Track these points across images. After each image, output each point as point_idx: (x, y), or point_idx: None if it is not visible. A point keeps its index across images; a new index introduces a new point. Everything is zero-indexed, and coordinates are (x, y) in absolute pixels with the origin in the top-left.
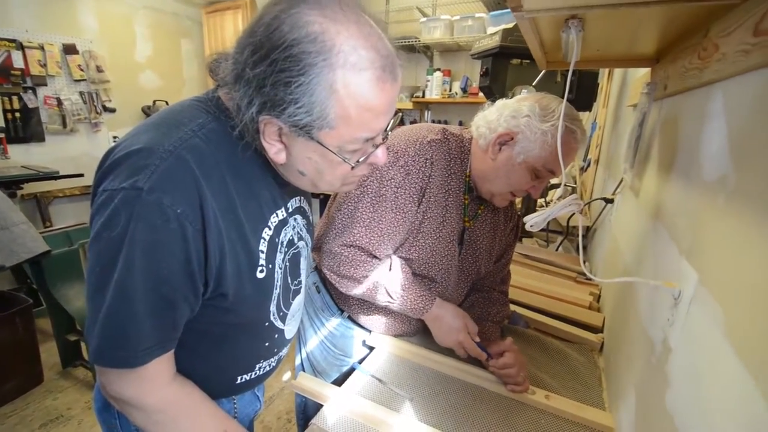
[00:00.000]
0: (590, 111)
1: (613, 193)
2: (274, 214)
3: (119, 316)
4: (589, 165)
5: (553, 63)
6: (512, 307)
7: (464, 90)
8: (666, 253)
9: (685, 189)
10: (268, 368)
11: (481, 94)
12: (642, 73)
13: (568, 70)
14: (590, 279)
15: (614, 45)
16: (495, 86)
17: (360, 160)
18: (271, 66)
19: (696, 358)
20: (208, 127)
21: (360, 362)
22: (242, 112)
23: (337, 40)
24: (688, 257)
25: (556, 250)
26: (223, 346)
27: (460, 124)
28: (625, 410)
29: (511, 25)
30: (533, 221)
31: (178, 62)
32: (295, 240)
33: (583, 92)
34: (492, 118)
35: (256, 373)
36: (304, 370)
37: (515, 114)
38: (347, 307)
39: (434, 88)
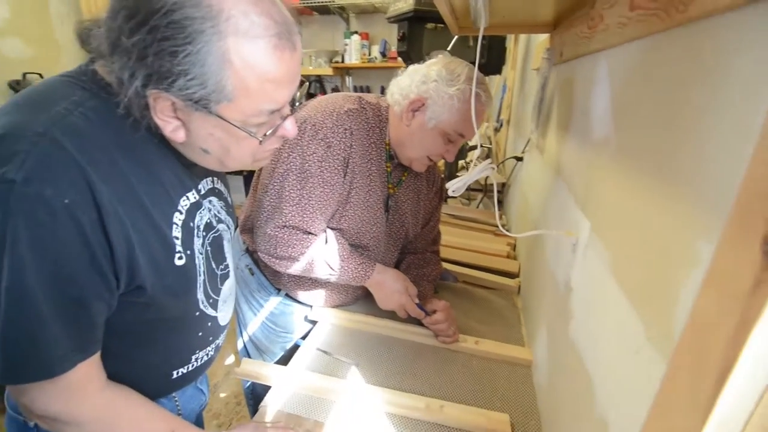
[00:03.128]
0: (500, 74)
1: (522, 152)
2: (184, 197)
3: (21, 325)
4: (501, 125)
5: (464, 28)
6: (443, 264)
7: (383, 54)
8: (566, 206)
9: (579, 147)
10: (206, 358)
11: (399, 58)
12: (543, 39)
13: (478, 36)
14: (504, 231)
15: (518, 12)
16: (412, 51)
17: (267, 133)
18: (151, 33)
19: (591, 294)
20: (86, 104)
21: (303, 338)
22: (125, 86)
23: (225, 4)
24: (582, 208)
25: (477, 207)
26: (151, 345)
27: (382, 90)
28: (540, 343)
29: None
30: (455, 187)
31: (48, 25)
32: (214, 223)
33: (493, 56)
34: (404, 84)
35: (193, 365)
36: (248, 353)
37: (425, 79)
38: (282, 285)
39: (353, 53)
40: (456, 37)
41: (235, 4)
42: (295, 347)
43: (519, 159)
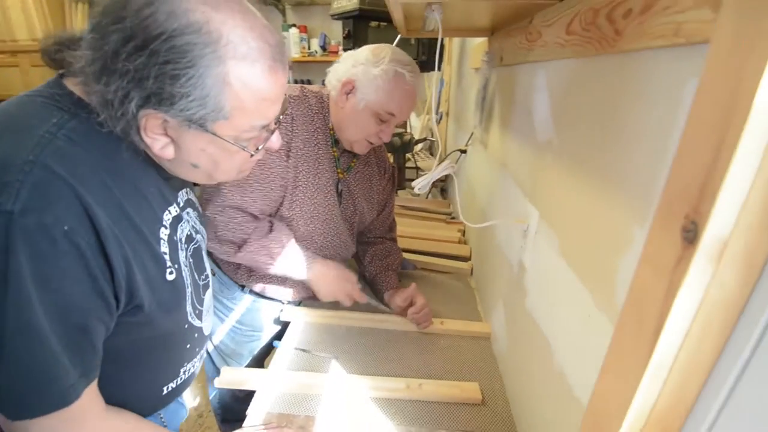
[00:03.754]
0: (440, 70)
1: (466, 145)
2: (167, 212)
3: (32, 360)
4: (441, 117)
5: (412, 31)
6: (402, 254)
7: (324, 48)
8: (514, 196)
9: (523, 146)
10: (192, 369)
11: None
12: (479, 41)
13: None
14: (454, 219)
15: (457, 20)
16: (358, 48)
17: (259, 147)
18: (151, 58)
19: (543, 272)
20: (67, 126)
21: (278, 339)
22: (115, 108)
23: (224, 30)
24: (530, 199)
25: (427, 197)
26: (142, 364)
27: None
28: (497, 317)
29: None
30: (420, 185)
31: None
32: (193, 234)
33: (433, 53)
34: (339, 69)
35: (181, 378)
36: (212, 361)
37: (354, 63)
38: (247, 281)
39: (292, 46)
40: (399, 37)
41: (233, 29)
42: (265, 349)
43: (463, 151)
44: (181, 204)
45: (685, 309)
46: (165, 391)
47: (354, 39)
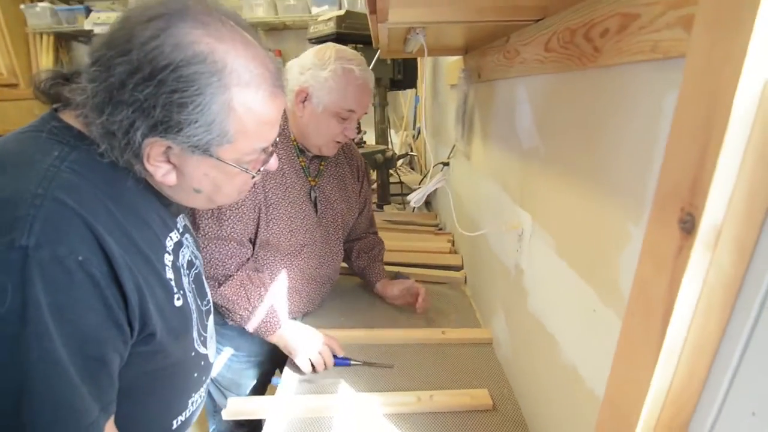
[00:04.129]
0: (415, 87)
1: (448, 157)
2: (168, 238)
3: (55, 396)
4: (419, 133)
5: (392, 52)
6: (394, 267)
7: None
8: (503, 203)
9: (509, 155)
10: (199, 400)
11: None
12: (453, 60)
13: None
14: (442, 230)
15: (433, 41)
16: None
17: (261, 168)
18: (158, 87)
19: (542, 273)
20: (69, 158)
21: (275, 365)
22: (119, 138)
23: (228, 59)
24: (521, 205)
25: (413, 210)
26: (151, 396)
27: None
28: (497, 323)
29: (342, 13)
30: (415, 198)
31: None
32: (193, 259)
33: (408, 72)
34: (288, 80)
35: (189, 410)
36: (211, 396)
37: (301, 70)
38: None
39: None
40: (376, 57)
41: (236, 58)
42: (263, 378)
43: (446, 164)
44: (180, 230)
45: (689, 294)
46: (174, 425)
47: None
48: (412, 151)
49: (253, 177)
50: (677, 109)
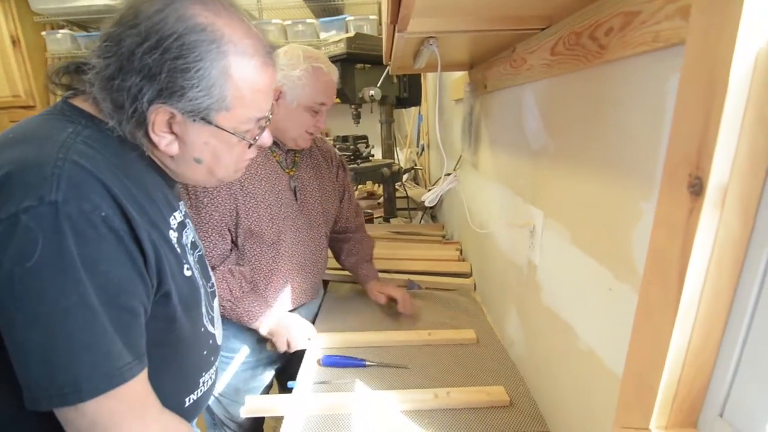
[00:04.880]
0: (419, 105)
1: (454, 169)
2: (173, 217)
3: (91, 336)
4: (423, 149)
5: (400, 68)
6: (404, 276)
7: None
8: (512, 204)
9: (518, 158)
10: (210, 382)
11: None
12: (458, 75)
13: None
14: (449, 240)
15: (441, 55)
16: (346, 87)
17: (256, 137)
18: (164, 54)
19: (556, 264)
20: (83, 134)
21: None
22: (127, 108)
23: (225, 30)
24: (532, 203)
25: (420, 221)
26: (166, 369)
27: None
28: (510, 323)
29: (352, 35)
30: (429, 199)
31: None
32: (197, 242)
33: (413, 91)
34: None
35: (201, 390)
36: (210, 409)
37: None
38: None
39: None
40: (384, 75)
41: (233, 31)
42: (269, 383)
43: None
44: (183, 212)
45: (701, 253)
46: (187, 403)
47: (342, 80)
48: (415, 165)
49: (250, 146)
50: (681, 84)
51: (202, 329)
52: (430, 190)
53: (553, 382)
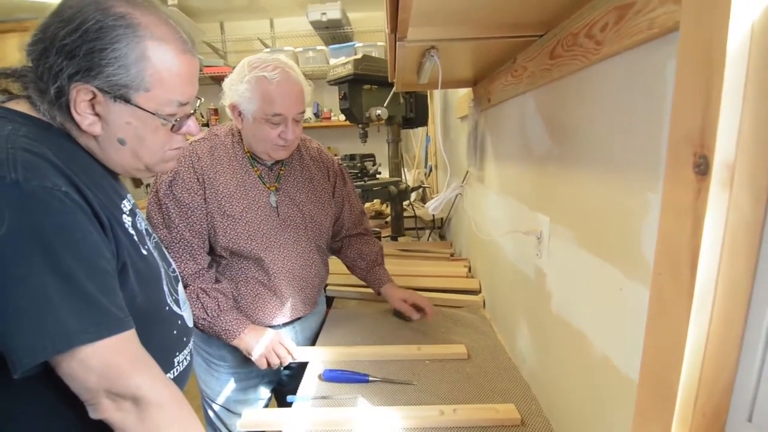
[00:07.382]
0: (426, 126)
1: (461, 185)
2: (123, 204)
3: (82, 295)
4: (431, 170)
5: (405, 85)
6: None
7: (317, 115)
8: (519, 213)
9: (522, 167)
10: (185, 363)
11: (341, 116)
12: (462, 93)
13: (409, 93)
14: (456, 258)
15: (444, 72)
16: (354, 107)
17: (179, 119)
18: (82, 36)
19: (563, 268)
20: (22, 130)
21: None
22: (50, 86)
23: (143, 20)
24: (538, 209)
25: (427, 240)
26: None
27: None
28: (521, 338)
29: (359, 56)
30: (433, 206)
31: None
32: (150, 230)
33: (420, 111)
34: (225, 97)
35: (177, 370)
36: (210, 420)
37: (229, 87)
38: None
39: None
40: (390, 95)
41: (150, 20)
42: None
43: (458, 193)
44: (132, 201)
45: (712, 236)
46: None
47: (350, 100)
48: (425, 183)
49: (173, 127)
50: (678, 62)
51: (167, 308)
52: (433, 197)
53: (567, 398)
